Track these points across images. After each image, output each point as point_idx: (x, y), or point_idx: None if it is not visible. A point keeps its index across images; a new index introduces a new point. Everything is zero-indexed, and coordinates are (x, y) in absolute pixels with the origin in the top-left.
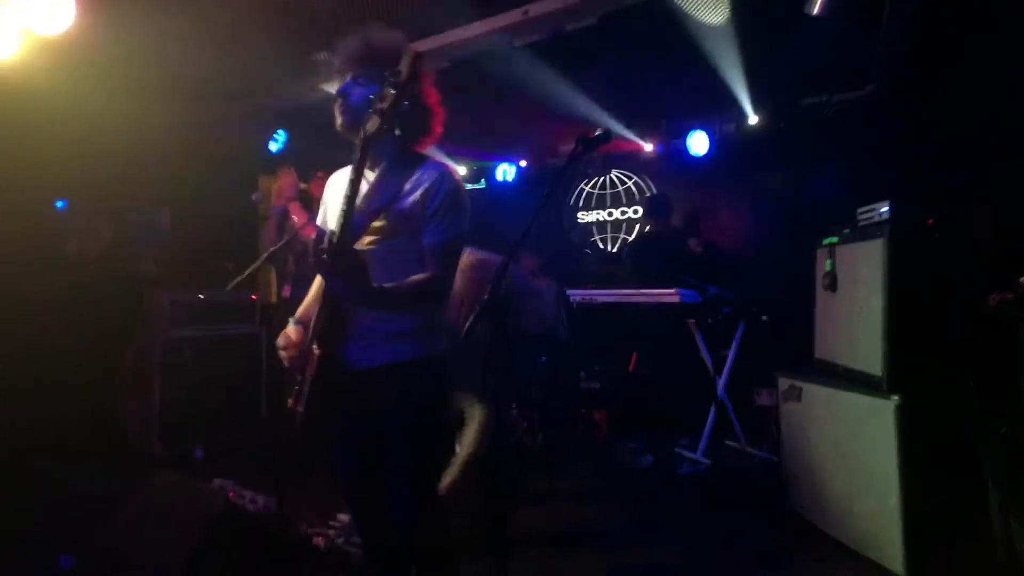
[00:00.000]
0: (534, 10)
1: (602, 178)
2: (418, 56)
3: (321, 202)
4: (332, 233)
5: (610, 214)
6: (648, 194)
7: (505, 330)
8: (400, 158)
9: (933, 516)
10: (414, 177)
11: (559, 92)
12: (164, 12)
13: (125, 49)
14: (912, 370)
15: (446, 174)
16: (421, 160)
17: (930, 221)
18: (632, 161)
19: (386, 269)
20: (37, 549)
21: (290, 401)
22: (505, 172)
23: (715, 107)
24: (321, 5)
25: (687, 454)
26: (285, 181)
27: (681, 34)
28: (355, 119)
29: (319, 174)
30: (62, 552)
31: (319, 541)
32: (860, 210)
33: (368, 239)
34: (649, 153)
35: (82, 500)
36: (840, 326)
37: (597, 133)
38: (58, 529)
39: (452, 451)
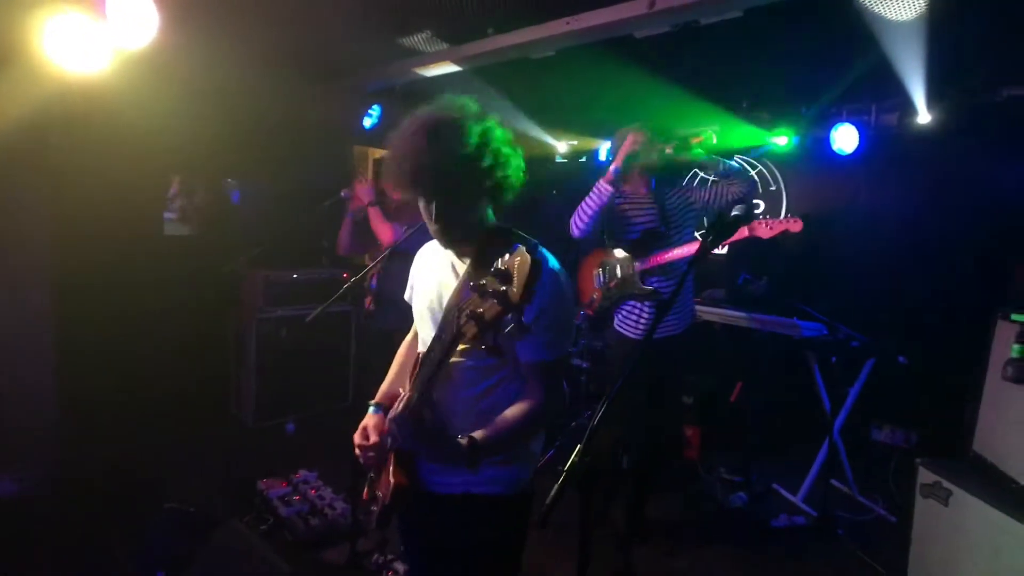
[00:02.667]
0: (662, 1)
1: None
2: (536, 267)
3: (415, 275)
4: (408, 399)
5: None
6: (773, 187)
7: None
8: (492, 246)
9: None
10: None
11: (675, 77)
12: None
13: (210, 50)
14: None
15: (549, 277)
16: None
17: None
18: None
19: (474, 384)
20: (136, 556)
21: (365, 493)
22: (610, 151)
23: (870, 98)
24: None
25: (786, 495)
26: (359, 190)
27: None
28: (456, 235)
29: None
30: (159, 567)
31: None
32: None
33: (461, 345)
34: (781, 146)
35: (177, 513)
36: (1020, 430)
37: (735, 213)
38: (156, 539)
39: None
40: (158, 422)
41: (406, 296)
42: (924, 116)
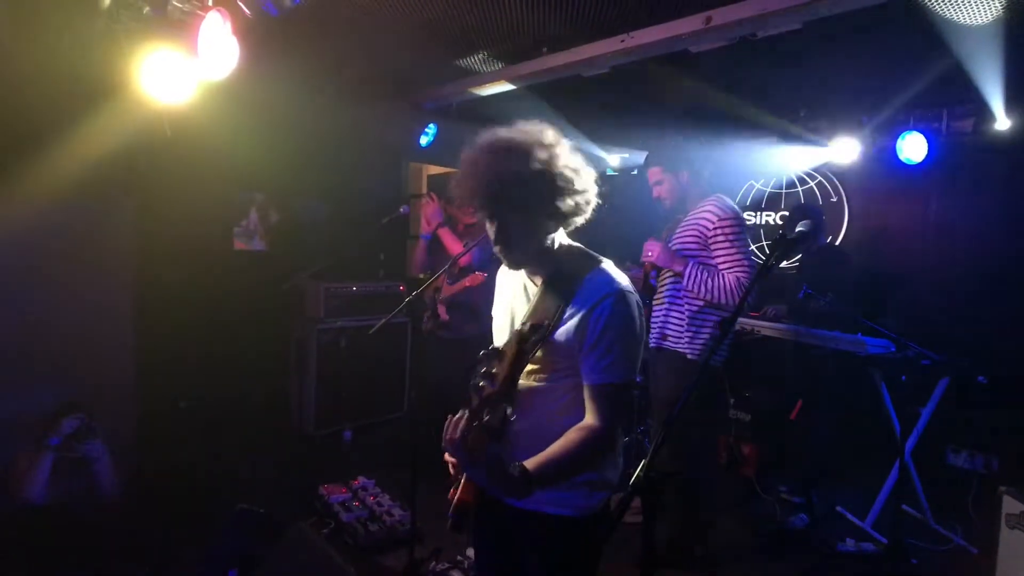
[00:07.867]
0: (719, 17)
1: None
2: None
3: (496, 292)
4: (472, 420)
5: (783, 219)
6: (832, 199)
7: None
8: (561, 267)
9: None
10: (576, 297)
11: (729, 86)
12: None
13: (279, 76)
14: None
15: (613, 296)
16: (588, 268)
17: None
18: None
19: (544, 410)
20: (207, 554)
21: (451, 492)
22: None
23: (940, 104)
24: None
25: (852, 519)
26: (429, 209)
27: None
28: (518, 257)
29: None
30: (231, 565)
31: None
32: None
33: (530, 367)
34: (843, 156)
35: (249, 514)
36: None
37: (799, 229)
38: (228, 538)
39: None
40: (225, 427)
41: (494, 311)
42: (1003, 122)
